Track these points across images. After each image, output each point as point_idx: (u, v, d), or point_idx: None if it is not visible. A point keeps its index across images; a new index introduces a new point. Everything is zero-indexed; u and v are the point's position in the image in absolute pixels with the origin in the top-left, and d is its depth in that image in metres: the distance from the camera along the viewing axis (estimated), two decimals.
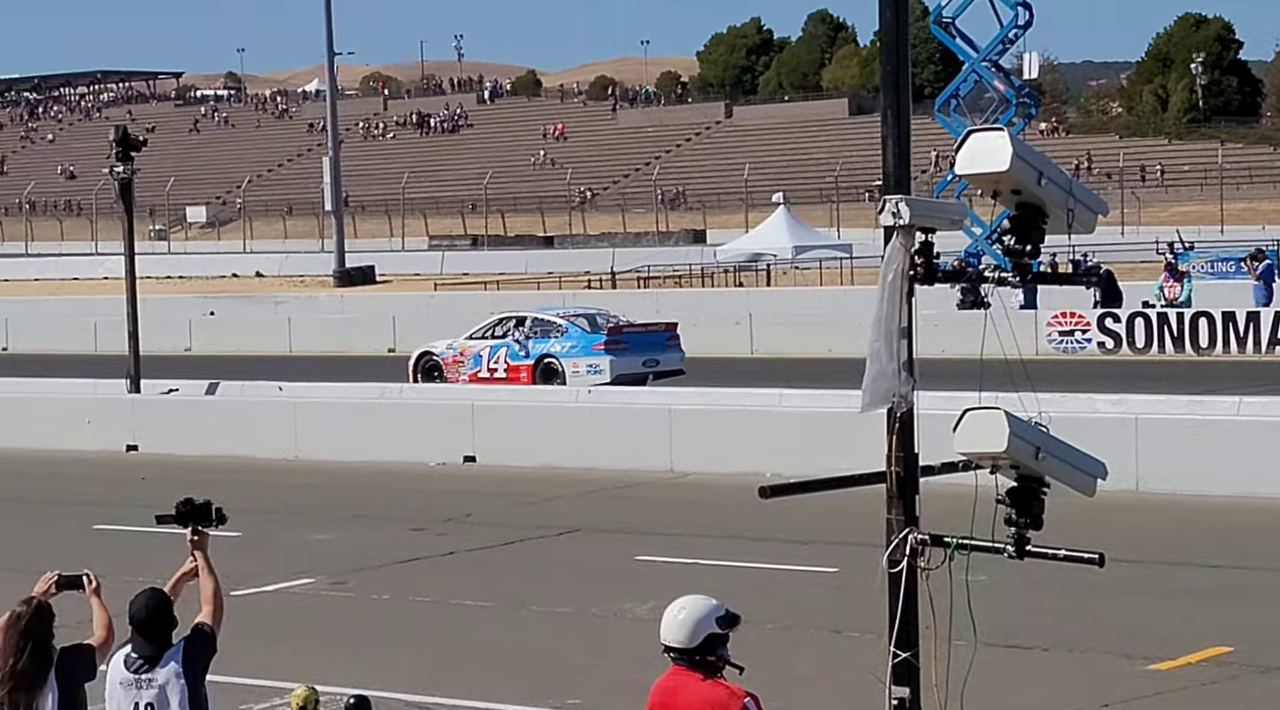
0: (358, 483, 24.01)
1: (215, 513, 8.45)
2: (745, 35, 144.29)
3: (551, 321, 33.92)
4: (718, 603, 7.41)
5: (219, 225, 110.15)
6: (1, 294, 63.30)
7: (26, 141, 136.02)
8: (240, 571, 16.13)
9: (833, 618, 14.98)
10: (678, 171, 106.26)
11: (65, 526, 21.24)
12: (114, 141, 30.78)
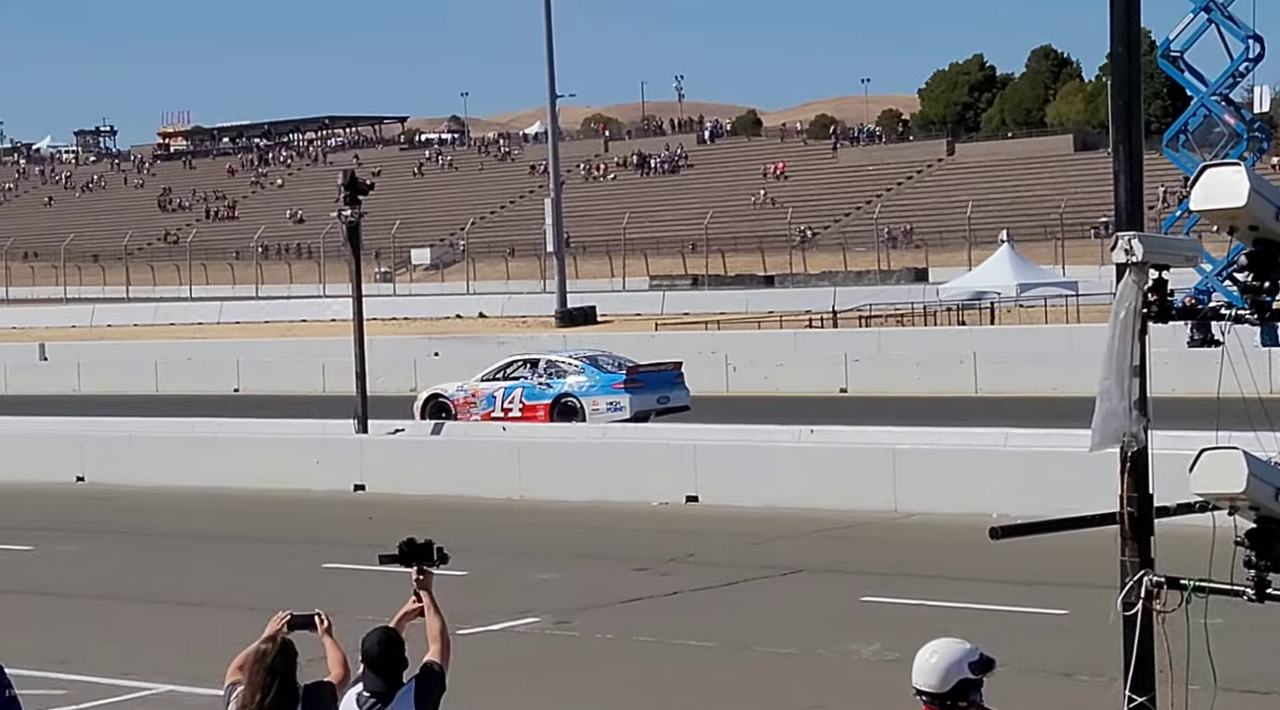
0: (581, 522, 24.09)
1: (437, 552, 8.49)
2: (968, 72, 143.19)
3: (566, 363, 35.78)
4: (971, 646, 7.19)
5: (443, 267, 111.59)
6: (233, 336, 64.65)
7: (257, 186, 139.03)
8: (466, 610, 16.25)
9: (1064, 661, 14.70)
10: (899, 209, 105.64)
11: (295, 565, 21.56)
12: (342, 185, 31.33)
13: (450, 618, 8.58)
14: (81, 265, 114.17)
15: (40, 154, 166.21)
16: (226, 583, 20.46)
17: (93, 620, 18.86)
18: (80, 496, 28.97)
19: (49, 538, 24.60)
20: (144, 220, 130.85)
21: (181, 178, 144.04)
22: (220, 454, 29.68)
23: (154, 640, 17.66)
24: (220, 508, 27.03)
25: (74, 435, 32.01)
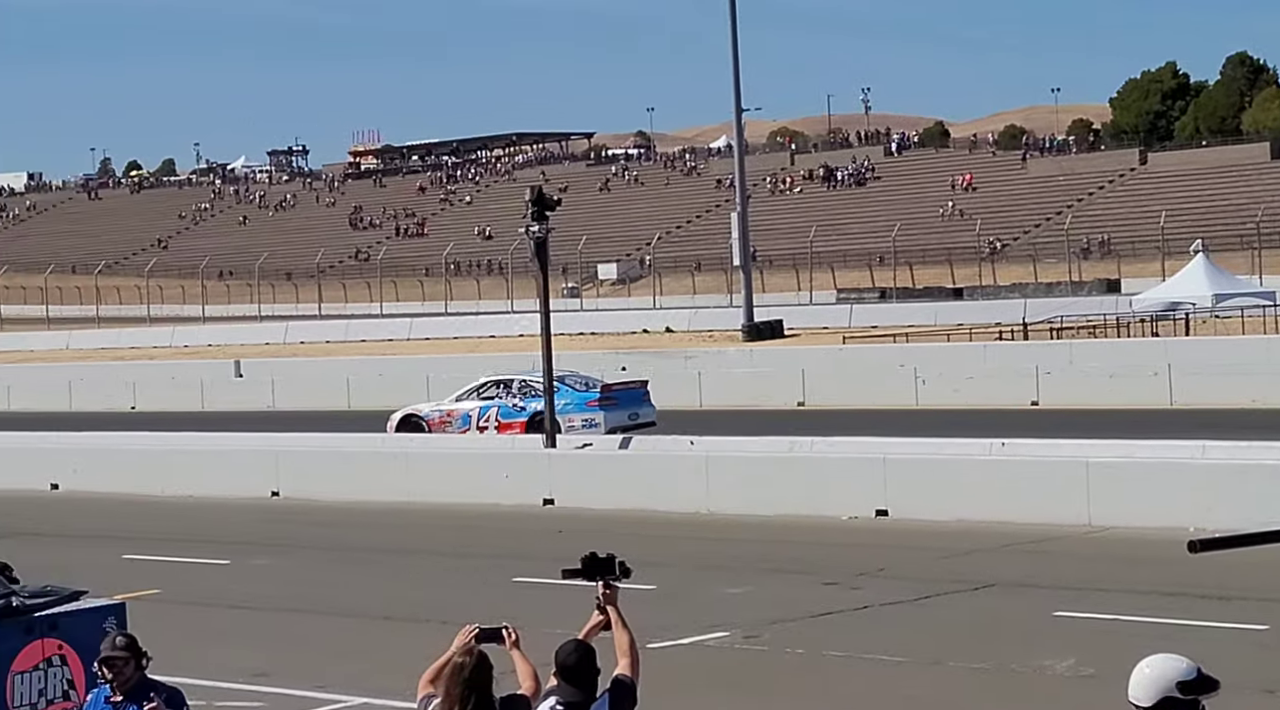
0: (769, 536, 23.98)
1: (619, 566, 8.45)
2: (1160, 80, 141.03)
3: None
4: (1189, 665, 6.84)
5: (629, 282, 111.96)
6: (423, 352, 65.25)
7: (446, 203, 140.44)
8: (654, 624, 16.23)
9: (1265, 677, 14.35)
10: (1090, 220, 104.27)
11: (485, 579, 21.67)
12: (529, 201, 31.49)
13: (638, 631, 8.54)
14: (275, 283, 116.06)
15: (235, 174, 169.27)
16: (417, 596, 20.62)
17: (288, 633, 19.09)
18: (275, 511, 29.37)
19: (245, 552, 24.97)
20: (335, 238, 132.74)
21: (372, 196, 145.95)
22: (411, 468, 29.95)
23: (347, 653, 17.82)
24: (411, 522, 27.28)
25: (269, 451, 32.48)
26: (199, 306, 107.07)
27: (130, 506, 30.70)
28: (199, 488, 31.48)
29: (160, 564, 24.04)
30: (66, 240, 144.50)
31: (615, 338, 67.92)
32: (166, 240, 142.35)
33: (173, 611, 19.69)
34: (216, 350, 74.13)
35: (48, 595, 10.34)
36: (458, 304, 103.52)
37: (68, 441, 36.29)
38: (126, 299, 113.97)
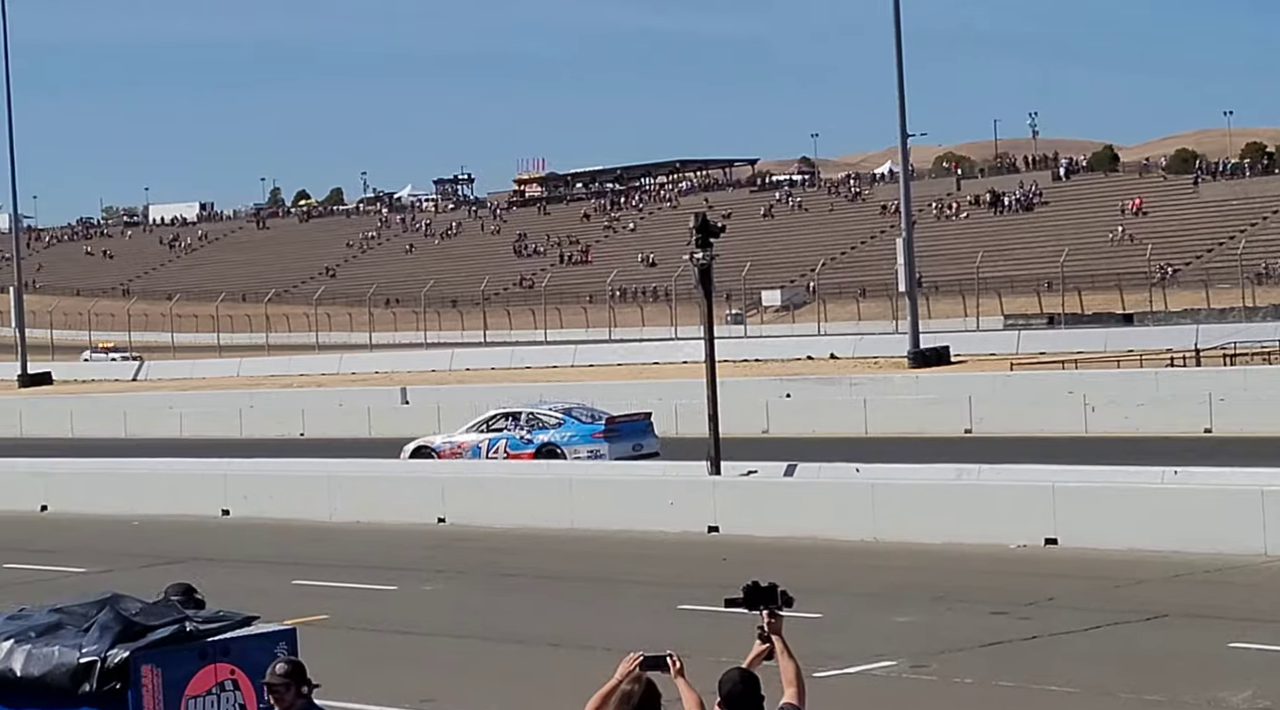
0: (936, 564, 23.73)
1: (781, 595, 8.37)
2: None
3: (546, 415, 39.14)
4: None
5: (793, 308, 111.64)
6: (587, 379, 65.42)
7: (610, 231, 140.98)
8: (821, 653, 16.11)
9: None
10: (1265, 245, 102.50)
11: (650, 606, 21.64)
12: (693, 228, 31.46)
13: (804, 660, 8.46)
14: (441, 310, 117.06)
15: (401, 202, 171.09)
16: (582, 623, 20.63)
17: (454, 659, 19.17)
18: (441, 537, 29.54)
19: (412, 577, 25.14)
20: (500, 266, 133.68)
21: (536, 223, 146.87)
22: (575, 495, 30.00)
23: (513, 679, 17.86)
24: (575, 549, 27.32)
25: (435, 478, 32.71)
26: (366, 334, 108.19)
27: (299, 532, 31.05)
28: (366, 514, 31.77)
29: (329, 589, 24.26)
30: (237, 269, 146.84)
31: (779, 364, 67.70)
32: (334, 268, 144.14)
33: (341, 637, 19.86)
34: (383, 377, 74.84)
35: (220, 620, 10.44)
36: (621, 331, 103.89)
37: (238, 468, 36.78)
38: (295, 326, 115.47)
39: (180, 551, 29.28)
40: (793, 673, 8.28)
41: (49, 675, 9.98)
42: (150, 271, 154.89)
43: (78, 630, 10.21)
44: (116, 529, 32.91)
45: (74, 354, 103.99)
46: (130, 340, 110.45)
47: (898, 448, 37.81)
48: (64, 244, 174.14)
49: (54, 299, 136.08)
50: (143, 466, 38.70)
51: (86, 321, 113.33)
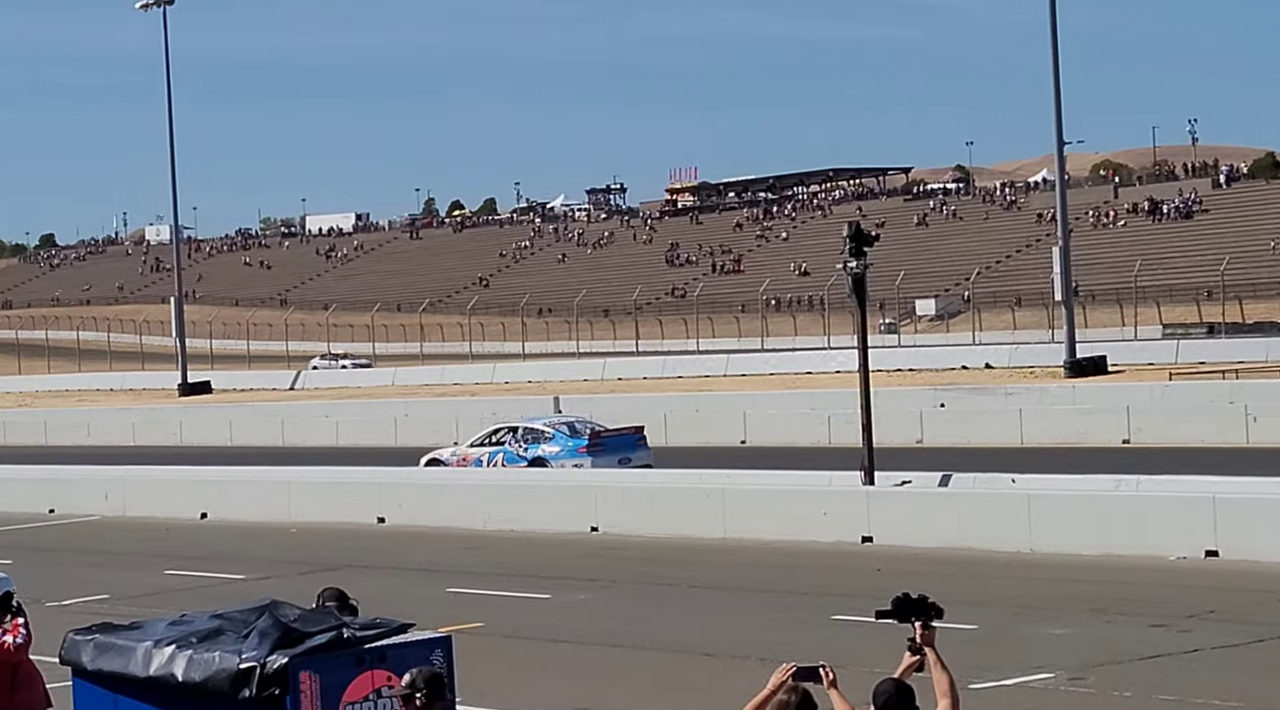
0: (1094, 576, 23.43)
1: (931, 607, 8.31)
2: None
3: (540, 429, 40.66)
4: None
5: (947, 317, 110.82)
6: (739, 388, 65.39)
7: (762, 240, 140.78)
8: (977, 665, 15.96)
9: None
10: None
11: (803, 616, 21.56)
12: (847, 237, 31.33)
13: (959, 672, 8.38)
14: (593, 320, 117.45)
15: (554, 212, 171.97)
16: (735, 633, 20.58)
17: (608, 668, 19.20)
18: (594, 546, 29.62)
19: (565, 587, 25.21)
20: (652, 275, 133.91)
21: (688, 233, 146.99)
22: (728, 505, 29.96)
23: (667, 689, 17.86)
24: (729, 559, 27.28)
25: (588, 487, 32.80)
26: (519, 343, 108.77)
27: (454, 540, 31.25)
28: (520, 522, 31.93)
29: (483, 597, 24.40)
30: (392, 279, 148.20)
31: (933, 374, 67.25)
32: (488, 278, 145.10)
33: (496, 645, 19.98)
34: (536, 386, 75.17)
35: (377, 627, 10.52)
36: (774, 340, 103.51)
37: (393, 476, 37.12)
38: (449, 336, 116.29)
39: (336, 559, 29.58)
40: (946, 684, 8.21)
41: (209, 680, 10.10)
42: (307, 281, 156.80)
43: (238, 636, 10.33)
44: (274, 536, 33.34)
45: (235, 363, 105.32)
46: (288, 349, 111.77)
47: (1054, 458, 37.42)
48: (223, 255, 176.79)
49: (213, 309, 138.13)
50: (300, 474, 39.17)
51: (245, 331, 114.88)
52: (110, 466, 43.49)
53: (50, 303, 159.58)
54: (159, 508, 37.68)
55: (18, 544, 33.90)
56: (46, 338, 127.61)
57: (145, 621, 11.55)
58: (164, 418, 68.37)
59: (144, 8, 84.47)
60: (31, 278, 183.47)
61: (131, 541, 33.88)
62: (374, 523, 34.07)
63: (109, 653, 10.71)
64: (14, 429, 69.24)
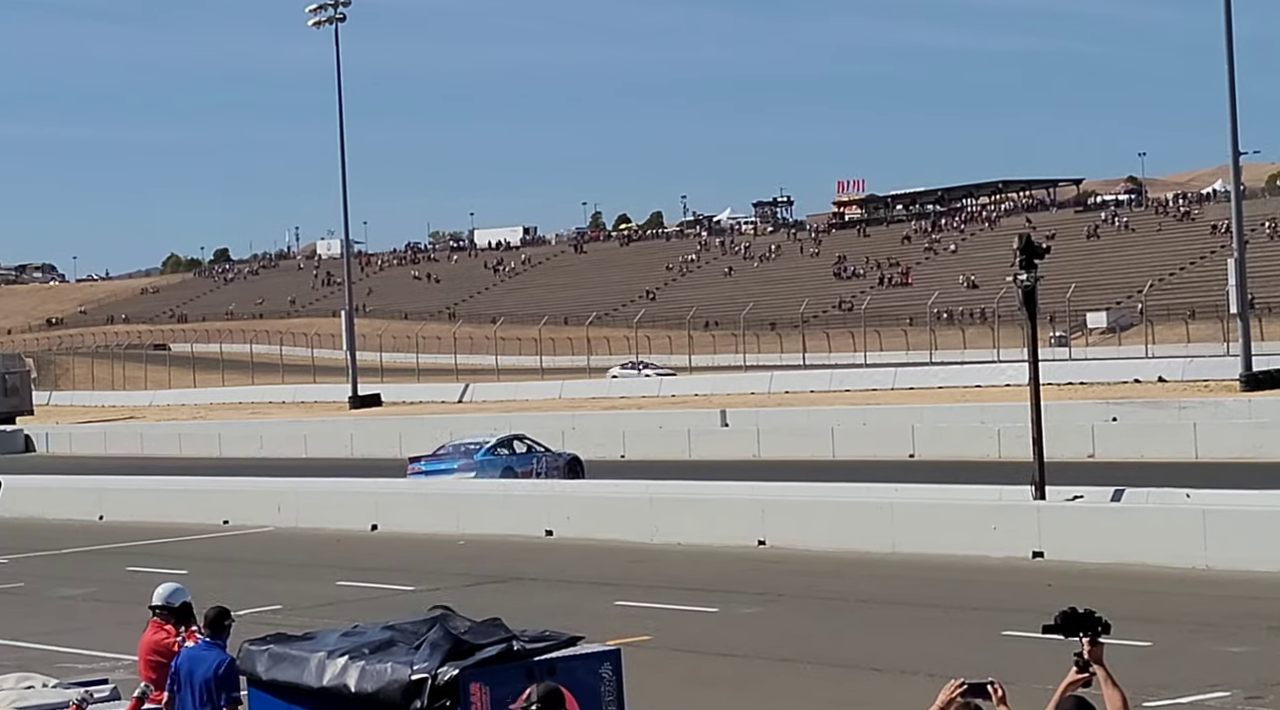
0: (1272, 593, 22.99)
1: (1099, 622, 8.21)
2: None
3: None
4: None
5: (1119, 330, 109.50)
6: (907, 402, 65.03)
7: (930, 252, 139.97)
8: (1151, 682, 15.73)
9: None
10: None
11: (973, 631, 21.37)
12: (1017, 250, 31.02)
13: (1132, 689, 8.27)
14: (759, 333, 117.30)
15: (720, 226, 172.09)
16: (903, 648, 20.43)
17: (776, 682, 19.14)
18: (761, 559, 29.55)
19: (733, 600, 25.18)
20: (819, 288, 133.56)
21: (855, 245, 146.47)
22: (896, 519, 29.78)
23: (835, 704, 17.80)
24: (897, 573, 27.11)
25: (755, 500, 32.71)
26: (685, 356, 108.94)
27: (620, 552, 31.31)
28: (686, 535, 31.93)
29: (650, 610, 24.43)
30: (559, 292, 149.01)
31: (1105, 387, 66.46)
32: (654, 291, 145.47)
33: (664, 658, 20.00)
34: (702, 399, 75.26)
35: (546, 640, 10.57)
36: (942, 353, 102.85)
37: (561, 489, 37.30)
38: (616, 349, 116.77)
39: (504, 571, 29.77)
40: (1119, 701, 8.10)
41: (381, 691, 10.20)
42: (475, 295, 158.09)
43: (409, 648, 10.42)
44: (443, 548, 33.60)
45: (405, 376, 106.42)
46: (456, 362, 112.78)
47: (1230, 473, 36.81)
48: (392, 269, 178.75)
49: (383, 322, 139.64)
50: (468, 487, 39.49)
51: (414, 345, 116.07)
52: (283, 478, 44.09)
53: (224, 316, 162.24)
54: (330, 519, 38.14)
55: (193, 554, 34.51)
56: (220, 351, 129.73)
57: (318, 632, 11.69)
58: (335, 430, 69.21)
59: (316, 25, 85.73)
60: (206, 292, 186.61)
61: (303, 553, 34.32)
62: (542, 535, 34.23)
63: (283, 663, 10.85)
64: (189, 441, 70.41)
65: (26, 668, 17.01)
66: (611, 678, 10.43)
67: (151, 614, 13.07)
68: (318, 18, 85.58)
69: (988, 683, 8.25)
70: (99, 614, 26.82)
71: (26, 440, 79.97)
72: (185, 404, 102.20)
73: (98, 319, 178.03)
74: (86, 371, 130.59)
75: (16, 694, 10.16)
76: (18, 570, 32.06)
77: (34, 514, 41.89)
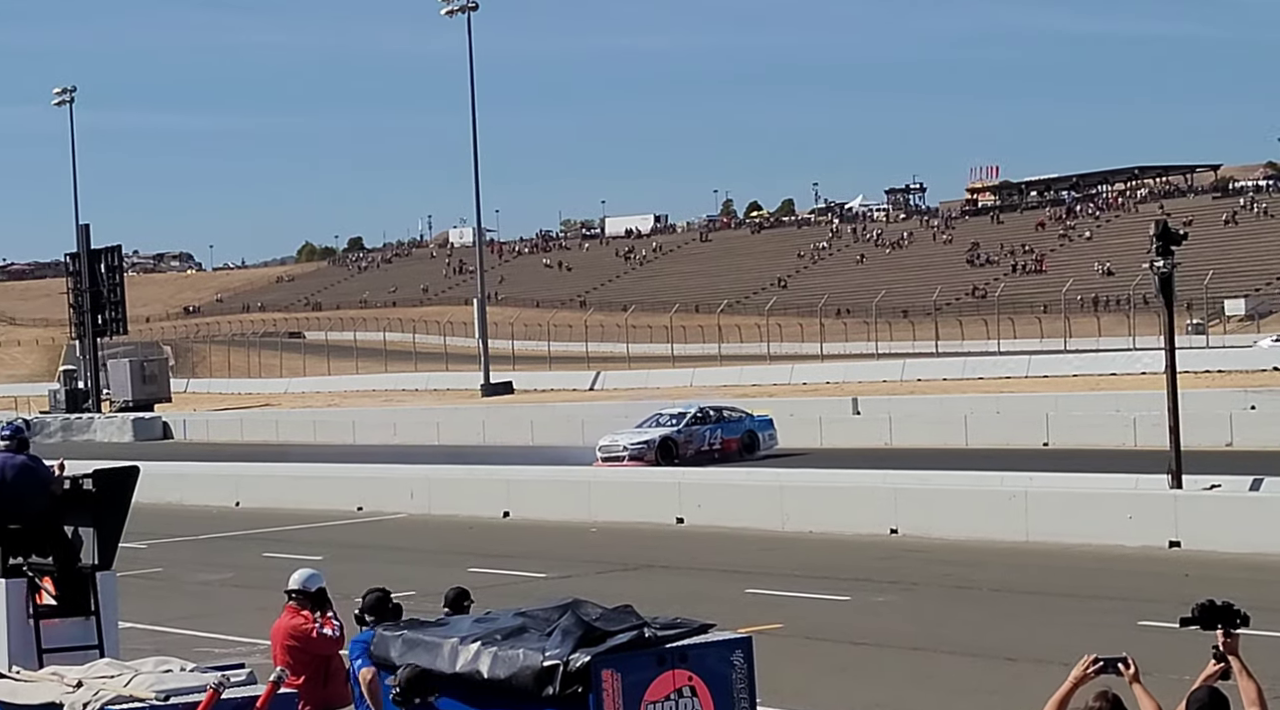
0: None
1: (1236, 614, 8.12)
2: None
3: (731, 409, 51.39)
4: None
5: (1258, 318, 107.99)
6: (1041, 390, 64.45)
7: (1065, 239, 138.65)
8: None
9: None
10: None
11: (1108, 621, 21.16)
12: (1154, 236, 30.69)
13: (1271, 683, 8.15)
14: (891, 321, 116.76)
15: (852, 213, 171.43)
16: (1038, 638, 20.27)
17: (909, 670, 19.05)
18: (893, 548, 29.42)
19: (865, 588, 25.09)
20: (951, 276, 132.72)
21: (989, 232, 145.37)
22: (1030, 508, 29.52)
23: (969, 692, 17.68)
24: (1031, 562, 26.90)
25: (887, 488, 32.58)
26: (817, 344, 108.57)
27: (750, 540, 31.28)
28: (817, 523, 31.85)
29: (781, 598, 24.39)
30: (690, 280, 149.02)
31: (1243, 375, 65.53)
32: (786, 279, 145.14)
33: (796, 646, 19.96)
34: (834, 388, 74.98)
35: (678, 627, 10.55)
36: (1076, 341, 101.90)
37: (692, 477, 37.32)
38: (747, 337, 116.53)
39: (635, 558, 29.84)
40: (1254, 693, 8.00)
41: (514, 677, 10.23)
42: (606, 283, 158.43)
43: (541, 634, 10.44)
44: (575, 535, 33.73)
45: (536, 364, 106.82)
46: (587, 350, 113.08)
47: None
48: (524, 256, 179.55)
49: (515, 310, 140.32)
50: (599, 474, 39.63)
51: (545, 332, 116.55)
52: (416, 465, 44.43)
53: (358, 304, 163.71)
54: (462, 506, 38.39)
55: (328, 541, 34.86)
56: (355, 338, 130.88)
57: (451, 618, 11.75)
58: (467, 417, 69.63)
59: (449, 14, 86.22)
60: (340, 280, 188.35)
61: (436, 539, 34.56)
62: (672, 523, 34.27)
63: (417, 649, 10.91)
64: (324, 428, 71.12)
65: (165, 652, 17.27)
66: (743, 665, 10.40)
67: (287, 598, 13.20)
68: (451, 6, 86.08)
69: (1120, 660, 8.22)
70: (236, 599, 27.16)
71: (164, 427, 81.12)
72: (320, 391, 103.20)
73: (234, 307, 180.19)
74: (223, 359, 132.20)
75: (155, 677, 10.27)
76: (156, 555, 32.51)
77: (172, 500, 42.46)
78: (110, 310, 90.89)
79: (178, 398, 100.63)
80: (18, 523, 14.49)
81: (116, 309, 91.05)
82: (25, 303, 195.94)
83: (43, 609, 14.28)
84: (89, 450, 63.10)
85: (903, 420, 53.50)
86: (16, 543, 14.50)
